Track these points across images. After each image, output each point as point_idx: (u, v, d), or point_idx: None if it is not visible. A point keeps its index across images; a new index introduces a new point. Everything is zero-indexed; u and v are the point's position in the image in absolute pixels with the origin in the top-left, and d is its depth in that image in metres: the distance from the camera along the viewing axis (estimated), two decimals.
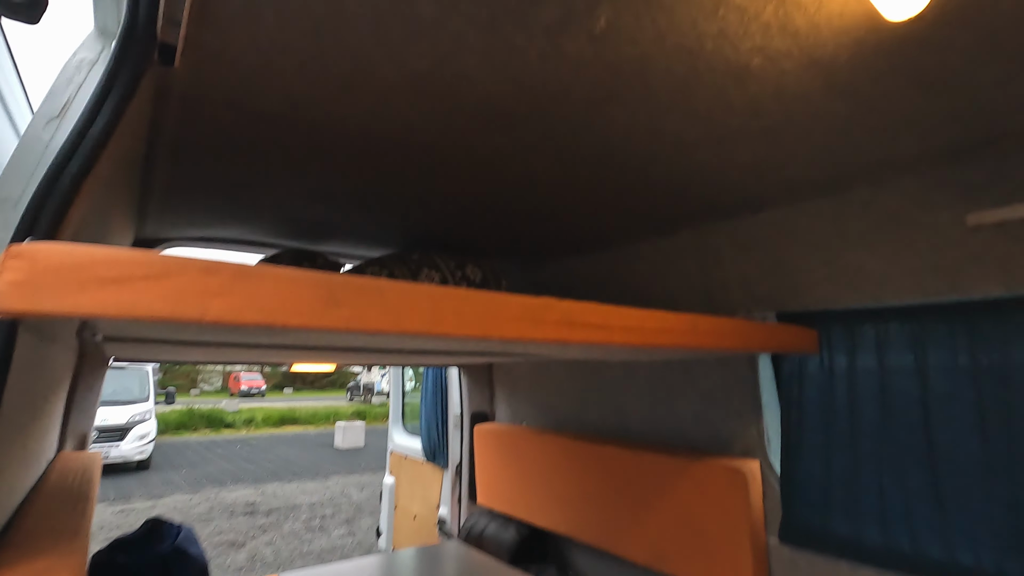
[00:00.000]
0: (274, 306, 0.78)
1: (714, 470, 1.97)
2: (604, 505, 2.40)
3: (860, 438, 1.70)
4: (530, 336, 1.06)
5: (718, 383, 2.14)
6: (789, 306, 1.88)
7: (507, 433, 3.03)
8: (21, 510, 1.32)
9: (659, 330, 1.29)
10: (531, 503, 2.81)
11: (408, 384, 4.83)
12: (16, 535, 1.03)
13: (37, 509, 1.28)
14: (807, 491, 1.82)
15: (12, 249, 0.63)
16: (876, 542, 1.65)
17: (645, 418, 2.43)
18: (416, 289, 0.92)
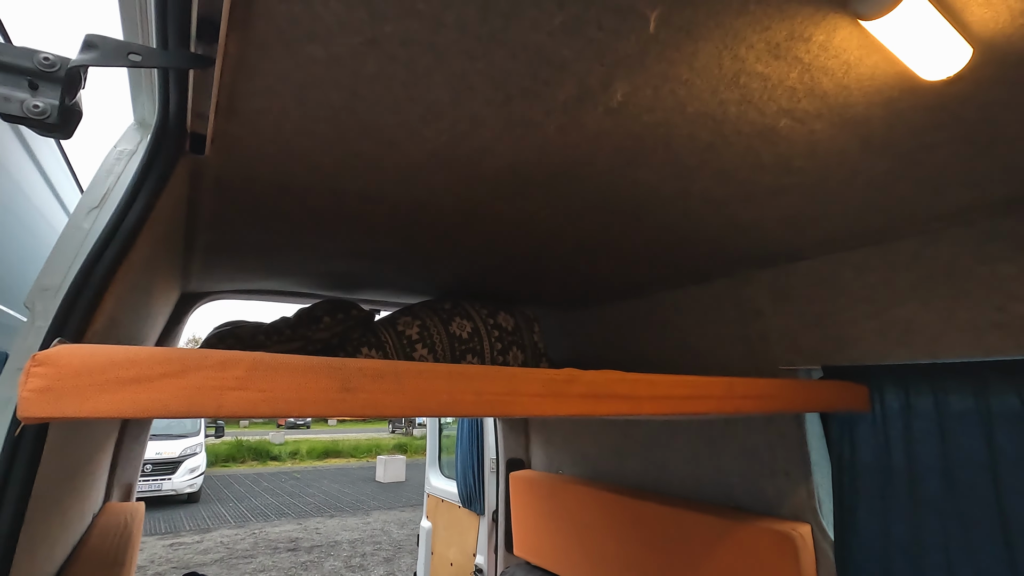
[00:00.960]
0: (289, 397, 0.78)
1: (762, 534, 1.85)
2: (643, 564, 2.28)
3: (921, 506, 1.56)
4: (553, 412, 1.02)
5: (762, 440, 2.02)
6: (835, 360, 1.77)
7: (544, 482, 2.95)
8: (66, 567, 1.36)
9: (691, 397, 1.24)
10: (569, 558, 2.70)
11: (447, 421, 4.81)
12: None
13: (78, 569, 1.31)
14: (866, 561, 1.67)
15: (38, 357, 0.65)
16: None
17: (686, 474, 2.32)
18: (433, 370, 0.91)
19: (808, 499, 1.87)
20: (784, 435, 1.94)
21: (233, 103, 0.91)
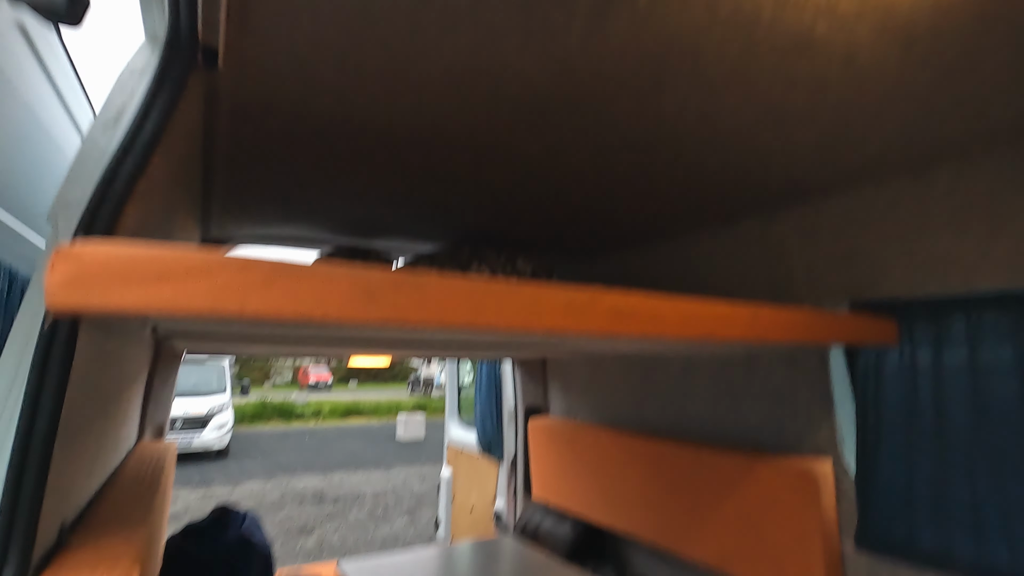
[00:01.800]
0: (311, 301, 0.78)
1: (782, 470, 1.86)
2: (663, 504, 2.31)
3: (948, 441, 1.54)
4: (577, 328, 1.01)
5: (785, 380, 2.01)
6: (863, 295, 1.73)
7: (562, 427, 2.99)
8: (99, 496, 1.41)
9: (716, 321, 1.22)
10: (587, 499, 2.76)
11: (465, 378, 4.87)
12: (89, 519, 1.10)
13: (112, 496, 1.37)
14: (887, 496, 1.67)
15: (60, 250, 0.65)
16: (969, 554, 1.49)
17: (707, 417, 2.32)
18: (456, 284, 0.90)
19: (830, 437, 1.86)
20: (807, 374, 1.92)
21: (245, 11, 0.88)
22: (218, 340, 1.62)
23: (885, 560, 1.69)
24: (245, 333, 1.29)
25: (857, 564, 1.75)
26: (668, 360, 2.51)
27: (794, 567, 1.80)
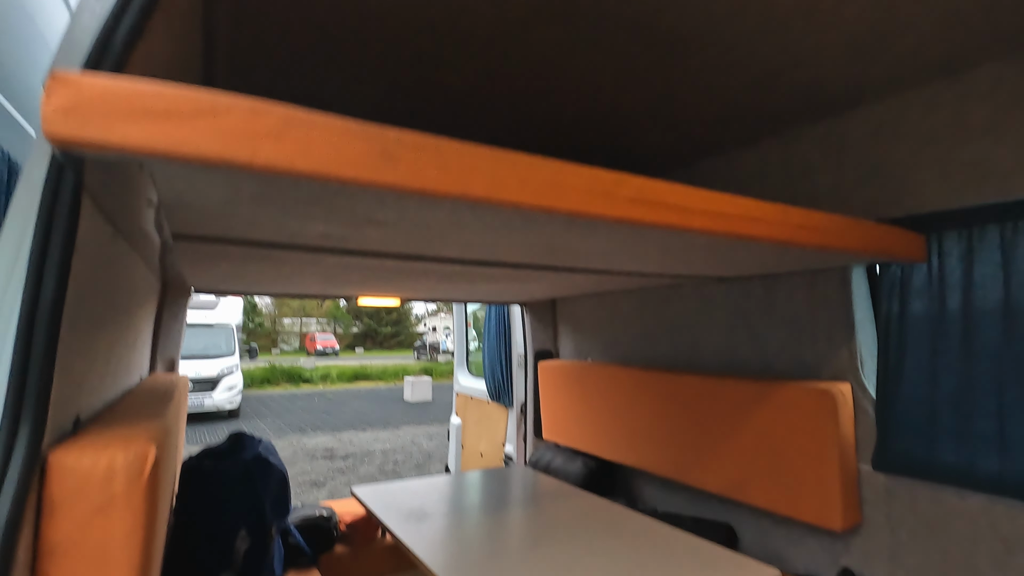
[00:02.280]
0: (326, 156, 0.73)
1: (799, 393, 1.83)
2: (676, 436, 2.31)
3: (975, 355, 1.51)
4: (600, 212, 0.97)
5: (804, 306, 1.96)
6: (891, 212, 1.67)
7: (572, 368, 2.98)
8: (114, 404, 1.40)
9: (744, 218, 1.16)
10: (598, 436, 2.76)
11: (471, 344, 4.88)
12: (105, 417, 1.08)
13: (127, 402, 1.35)
14: (908, 415, 1.65)
15: (57, 75, 0.60)
16: (992, 468, 1.47)
17: (721, 350, 2.29)
18: (477, 150, 0.84)
19: (850, 360, 1.83)
20: (828, 297, 1.88)
21: None
22: (229, 261, 1.58)
23: (902, 481, 1.68)
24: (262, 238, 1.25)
25: (874, 485, 1.74)
26: (683, 294, 2.47)
27: (810, 490, 1.79)
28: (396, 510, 1.77)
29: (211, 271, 1.87)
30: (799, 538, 1.97)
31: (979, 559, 1.50)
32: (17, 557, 0.70)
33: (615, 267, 1.75)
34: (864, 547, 1.77)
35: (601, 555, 1.41)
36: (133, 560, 0.79)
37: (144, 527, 0.81)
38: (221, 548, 1.62)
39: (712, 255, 1.46)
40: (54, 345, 0.77)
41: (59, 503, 0.76)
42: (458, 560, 1.38)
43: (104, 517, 0.78)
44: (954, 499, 1.56)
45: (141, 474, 0.81)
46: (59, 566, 0.76)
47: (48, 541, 0.76)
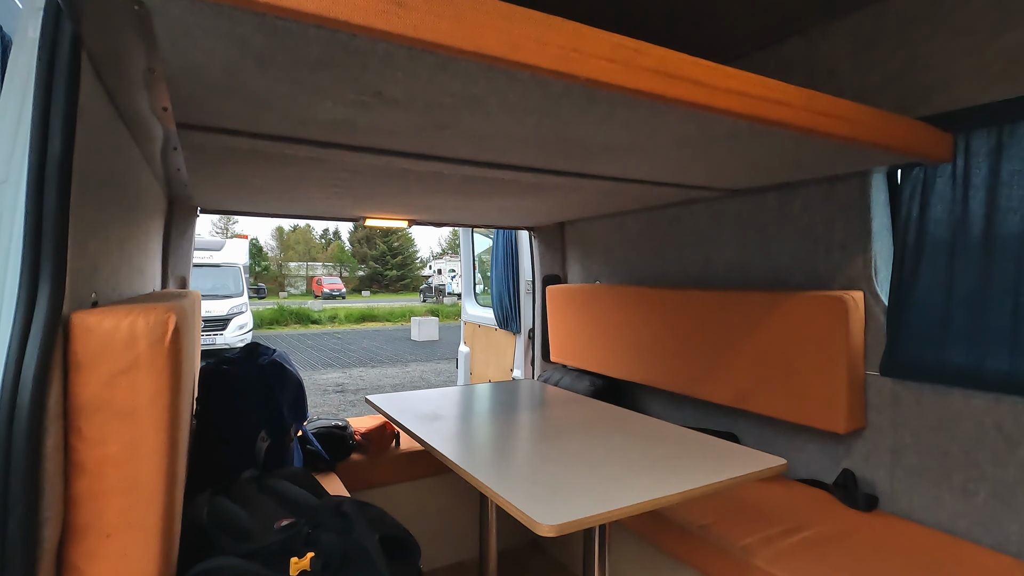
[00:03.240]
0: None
1: (811, 302, 1.83)
2: (684, 351, 2.33)
3: (995, 255, 1.48)
4: (619, 82, 0.92)
5: (820, 216, 1.93)
6: (919, 112, 1.60)
7: (581, 291, 2.99)
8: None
9: (768, 100, 1.11)
10: (606, 355, 2.80)
11: (478, 287, 4.88)
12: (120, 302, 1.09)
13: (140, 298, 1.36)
14: (920, 319, 1.64)
15: None
16: (1001, 368, 1.48)
17: (733, 265, 2.28)
18: (493, 4, 0.80)
19: (864, 269, 1.81)
20: (846, 206, 1.84)
21: None
22: (233, 163, 1.55)
23: (909, 385, 1.70)
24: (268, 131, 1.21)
25: (880, 390, 1.77)
26: (694, 212, 2.43)
27: (816, 396, 1.82)
28: (410, 413, 1.82)
29: (215, 181, 1.84)
30: (802, 444, 2.02)
31: (980, 456, 1.54)
32: (48, 408, 0.72)
33: (628, 174, 1.71)
34: (865, 450, 1.82)
35: (612, 447, 1.45)
36: (161, 420, 0.81)
37: (170, 390, 0.82)
38: (243, 448, 1.68)
39: (731, 153, 1.41)
40: (66, 204, 0.75)
41: (84, 362, 0.78)
42: (472, 451, 1.43)
43: (129, 378, 0.79)
44: (960, 400, 1.58)
45: (163, 338, 0.82)
46: (90, 422, 0.78)
47: (78, 398, 0.77)
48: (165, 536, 0.84)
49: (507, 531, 2.62)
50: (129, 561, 0.80)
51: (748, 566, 1.50)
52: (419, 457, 2.43)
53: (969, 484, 1.57)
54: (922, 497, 1.67)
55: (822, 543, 1.56)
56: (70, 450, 0.77)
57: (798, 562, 1.46)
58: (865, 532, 1.62)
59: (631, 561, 2.01)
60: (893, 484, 1.74)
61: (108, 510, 0.79)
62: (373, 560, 0.97)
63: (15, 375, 0.69)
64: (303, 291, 44.71)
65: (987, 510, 1.53)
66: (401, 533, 1.07)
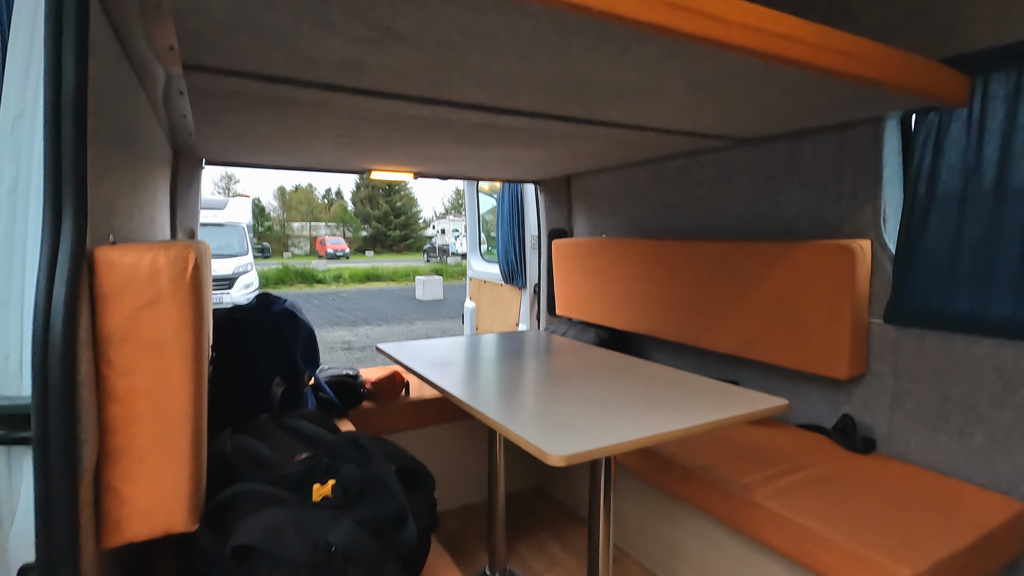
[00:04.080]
0: None
1: (818, 251, 1.83)
2: (690, 302, 2.35)
3: (1007, 200, 1.48)
4: (634, 15, 0.90)
5: (831, 164, 1.91)
6: (937, 53, 1.56)
7: (587, 245, 2.99)
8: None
9: (784, 37, 1.09)
10: (612, 308, 2.83)
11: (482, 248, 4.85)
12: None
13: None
14: (927, 266, 1.65)
15: None
16: (1006, 313, 1.50)
17: (740, 216, 2.27)
18: None
19: (873, 217, 1.81)
20: (857, 153, 1.82)
21: None
22: (238, 109, 1.53)
23: (912, 332, 1.72)
24: (277, 73, 1.20)
25: (883, 338, 1.79)
26: (703, 162, 2.41)
27: (820, 343, 1.85)
28: (421, 359, 1.86)
29: (221, 129, 1.82)
30: (803, 392, 2.07)
31: (978, 399, 1.57)
32: (80, 336, 0.74)
33: (638, 120, 1.69)
34: (865, 396, 1.86)
35: (618, 389, 1.49)
36: (186, 352, 0.84)
37: (192, 323, 0.85)
38: (259, 392, 1.73)
39: (743, 96, 1.39)
40: (83, 139, 0.76)
41: (109, 295, 0.80)
42: (482, 393, 1.47)
43: (154, 311, 0.82)
44: (962, 346, 1.60)
45: (184, 273, 0.84)
46: (119, 352, 0.81)
47: (105, 329, 0.80)
48: (194, 461, 0.88)
49: (514, 476, 2.71)
50: (162, 483, 0.85)
51: (747, 502, 1.56)
52: (428, 405, 2.49)
53: (966, 427, 1.61)
54: (919, 440, 1.72)
55: (819, 482, 1.62)
56: (100, 379, 0.81)
57: (795, 498, 1.52)
58: (861, 472, 1.67)
59: (634, 501, 2.09)
60: (891, 428, 1.79)
61: (140, 436, 0.83)
62: (391, 488, 1.02)
63: (46, 305, 0.71)
64: (307, 251, 44.75)
65: (982, 451, 1.57)
66: (416, 465, 1.12)
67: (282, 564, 0.87)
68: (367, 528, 0.93)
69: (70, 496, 0.72)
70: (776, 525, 1.49)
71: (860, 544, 1.31)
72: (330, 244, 39.84)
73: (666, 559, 1.96)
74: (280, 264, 25.32)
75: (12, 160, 0.78)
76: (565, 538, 2.31)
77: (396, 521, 0.99)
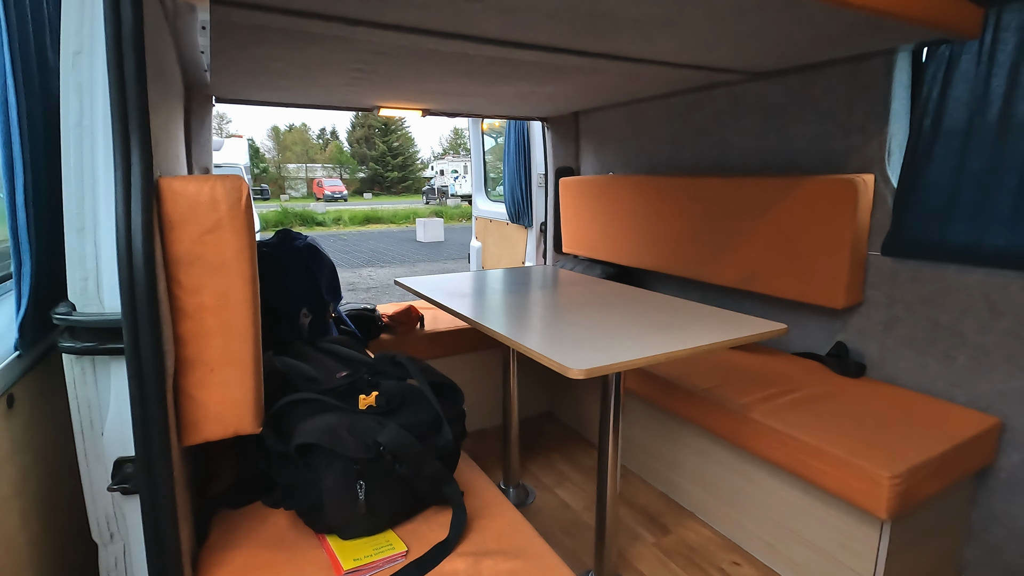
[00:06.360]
0: None
1: (823, 185, 1.89)
2: (696, 237, 2.43)
3: (1011, 132, 1.52)
4: None
5: (842, 97, 1.93)
6: None
7: (594, 182, 3.03)
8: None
9: None
10: (618, 244, 2.91)
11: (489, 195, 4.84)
12: None
13: None
14: (927, 199, 1.72)
15: None
16: (999, 243, 1.58)
17: (750, 151, 2.30)
18: None
19: (878, 151, 1.85)
20: (868, 86, 1.84)
21: None
22: (257, 43, 1.55)
23: (908, 263, 1.80)
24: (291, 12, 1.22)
25: (880, 269, 1.88)
26: (713, 97, 2.41)
27: (819, 274, 1.93)
28: (438, 290, 1.96)
29: (236, 65, 1.83)
30: (801, 321, 2.18)
31: (965, 325, 1.68)
32: (156, 259, 0.82)
33: (652, 54, 1.70)
34: (860, 324, 1.97)
35: (627, 315, 1.59)
36: (246, 273, 0.93)
37: (249, 247, 0.93)
38: (291, 322, 1.83)
39: (759, 27, 1.41)
40: (143, 74, 0.81)
41: (176, 222, 0.87)
42: (499, 318, 1.57)
43: (216, 236, 0.90)
44: (955, 275, 1.69)
45: (240, 201, 0.91)
46: (187, 274, 0.89)
47: (173, 253, 0.88)
48: (256, 372, 0.98)
49: (525, 402, 2.88)
50: (230, 391, 0.95)
51: (745, 419, 1.70)
52: (442, 338, 2.62)
53: (951, 351, 1.72)
54: (907, 363, 1.84)
55: (811, 401, 1.75)
56: (172, 298, 0.89)
57: (789, 415, 1.66)
58: (851, 393, 1.81)
59: (639, 423, 2.25)
60: (882, 353, 1.91)
61: (210, 348, 0.93)
62: (427, 398, 1.13)
63: (126, 230, 0.79)
64: (304, 194, 44.21)
65: (965, 373, 1.70)
66: (447, 380, 1.23)
67: (339, 459, 0.99)
68: (409, 431, 1.05)
69: (161, 398, 0.82)
70: (770, 438, 1.63)
71: (846, 452, 1.45)
72: (328, 186, 39.33)
73: (667, 473, 2.14)
74: (279, 206, 25.15)
75: (76, 95, 0.84)
76: (574, 457, 2.49)
77: (433, 426, 1.11)
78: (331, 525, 1.04)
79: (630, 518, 2.03)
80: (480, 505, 1.21)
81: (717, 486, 1.91)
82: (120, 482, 0.87)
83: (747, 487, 1.80)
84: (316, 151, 51.63)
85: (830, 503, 1.55)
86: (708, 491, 1.96)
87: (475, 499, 1.23)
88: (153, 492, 0.85)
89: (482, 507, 1.21)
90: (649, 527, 1.97)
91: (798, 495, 1.63)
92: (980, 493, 1.67)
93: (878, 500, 1.36)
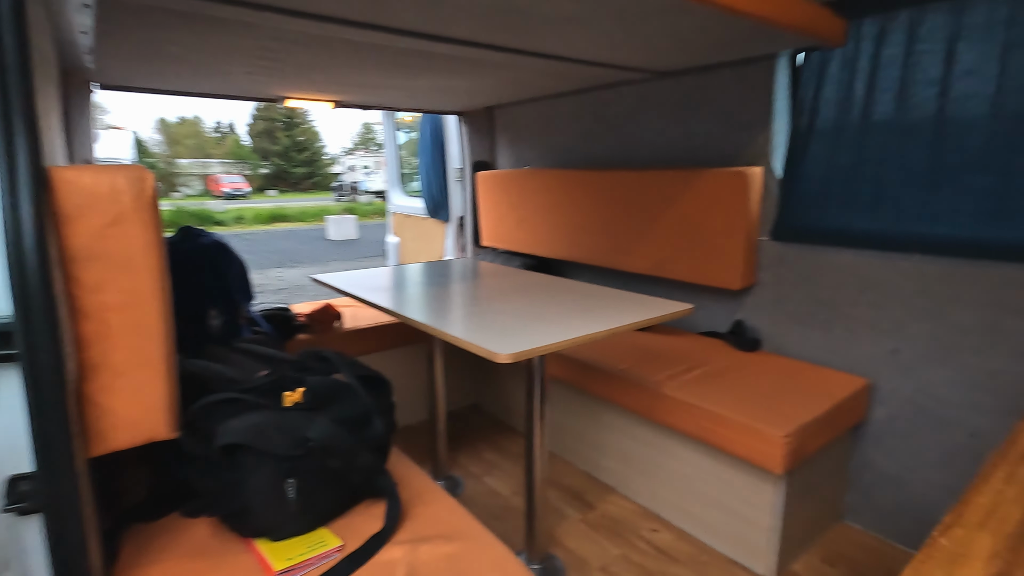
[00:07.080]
0: None
1: (719, 177, 2.06)
2: (609, 227, 2.55)
3: (869, 131, 1.75)
4: None
5: (733, 97, 2.11)
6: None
7: (511, 176, 3.08)
8: None
9: None
10: (536, 236, 2.99)
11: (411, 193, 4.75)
12: None
13: None
14: (805, 190, 1.93)
15: None
16: (864, 227, 1.80)
17: (656, 144, 2.46)
18: None
19: (764, 146, 2.05)
20: (755, 87, 2.03)
21: None
22: (147, 26, 1.44)
23: (792, 246, 2.02)
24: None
25: (769, 253, 2.08)
26: (621, 94, 2.54)
27: (718, 260, 2.11)
28: (356, 285, 1.93)
29: (125, 48, 1.69)
30: (706, 303, 2.36)
31: (839, 298, 1.91)
32: (51, 255, 0.76)
33: (563, 51, 1.77)
34: (754, 302, 2.17)
35: (547, 302, 1.66)
36: (155, 269, 0.88)
37: (158, 242, 0.88)
38: (195, 325, 1.72)
39: (661, 30, 1.51)
40: (28, 52, 0.74)
41: (72, 215, 0.81)
42: (423, 310, 1.58)
43: (120, 230, 0.84)
44: (832, 256, 1.91)
45: (144, 192, 0.86)
46: (86, 269, 0.83)
47: (72, 248, 0.81)
48: (169, 374, 0.93)
49: (451, 397, 2.89)
50: (142, 395, 0.90)
51: (659, 395, 1.83)
52: (362, 335, 2.57)
53: (829, 323, 1.95)
54: (794, 336, 2.06)
55: (714, 375, 1.92)
56: (70, 297, 0.82)
57: (696, 389, 1.81)
58: (747, 366, 1.99)
59: (562, 408, 2.34)
60: (773, 328, 2.12)
61: (117, 351, 0.86)
62: (356, 391, 1.12)
63: (14, 225, 0.72)
64: (200, 191, 40.97)
65: (840, 341, 1.93)
66: (374, 373, 1.23)
67: (267, 458, 0.96)
68: (340, 425, 1.04)
69: (61, 407, 0.76)
70: (682, 411, 1.77)
71: (746, 417, 1.60)
72: (226, 183, 36.67)
73: (589, 453, 2.25)
74: (172, 205, 23.18)
75: None
76: (500, 446, 2.54)
77: (364, 419, 1.11)
78: (260, 528, 1.01)
79: (556, 498, 2.11)
80: (413, 494, 1.22)
81: (635, 460, 2.04)
82: (15, 502, 0.79)
83: (662, 459, 1.94)
84: (211, 145, 48.03)
85: (734, 465, 1.71)
86: (628, 466, 2.08)
87: (408, 488, 1.24)
88: (56, 510, 0.79)
89: (415, 495, 1.22)
90: (575, 505, 2.07)
91: (707, 461, 1.79)
92: (855, 445, 1.91)
93: (774, 457, 1.53)
